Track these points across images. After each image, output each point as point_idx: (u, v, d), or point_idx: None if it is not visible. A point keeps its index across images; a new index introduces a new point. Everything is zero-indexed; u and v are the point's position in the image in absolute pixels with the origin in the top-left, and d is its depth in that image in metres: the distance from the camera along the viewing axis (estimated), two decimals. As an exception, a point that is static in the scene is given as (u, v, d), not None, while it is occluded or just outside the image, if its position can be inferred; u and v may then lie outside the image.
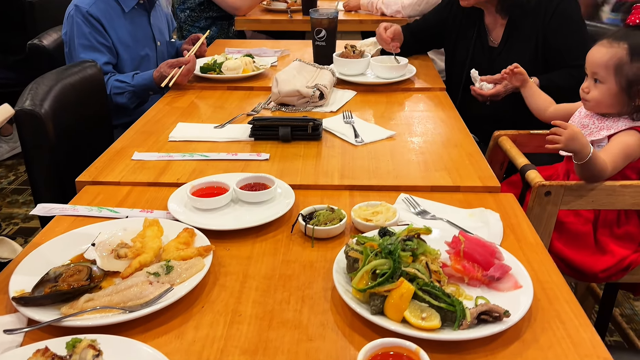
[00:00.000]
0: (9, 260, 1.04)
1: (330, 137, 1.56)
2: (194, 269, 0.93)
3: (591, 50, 1.50)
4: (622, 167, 1.44)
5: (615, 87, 1.44)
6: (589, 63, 1.50)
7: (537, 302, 0.90)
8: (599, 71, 1.46)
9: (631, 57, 1.41)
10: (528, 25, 1.91)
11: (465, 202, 1.21)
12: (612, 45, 1.44)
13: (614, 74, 1.44)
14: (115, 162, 1.39)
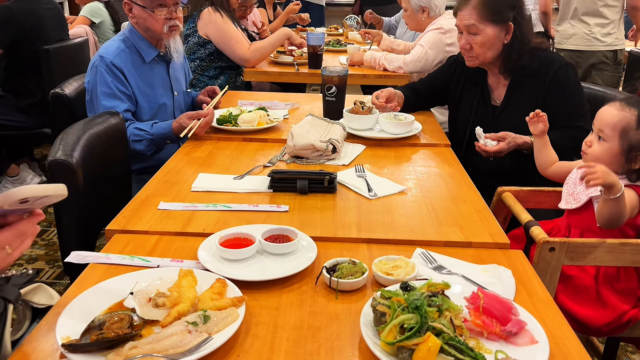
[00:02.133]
0: (48, 306, 1.09)
1: (344, 190, 1.64)
2: (229, 319, 0.99)
3: (603, 108, 1.61)
4: (627, 217, 1.52)
5: (617, 148, 1.55)
6: (597, 120, 1.61)
7: (553, 357, 0.96)
8: (606, 130, 1.57)
9: (637, 125, 1.53)
10: (529, 87, 2.04)
11: (478, 258, 1.28)
12: (623, 109, 1.56)
13: (619, 136, 1.55)
14: (142, 211, 1.46)
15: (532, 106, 2.00)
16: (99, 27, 4.42)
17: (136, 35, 2.19)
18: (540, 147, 1.83)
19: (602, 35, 3.44)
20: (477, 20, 1.98)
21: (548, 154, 1.83)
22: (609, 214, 1.49)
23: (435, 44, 2.94)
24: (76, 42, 3.53)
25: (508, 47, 2.00)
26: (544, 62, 2.00)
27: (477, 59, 2.05)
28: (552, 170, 1.82)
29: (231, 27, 3.13)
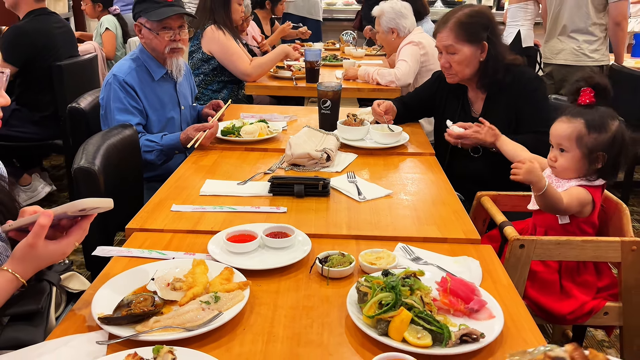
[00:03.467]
0: (81, 291, 1.28)
1: (337, 194, 1.83)
2: (236, 299, 1.17)
3: (554, 126, 1.81)
4: (575, 207, 1.72)
5: (578, 154, 1.74)
6: (554, 137, 1.80)
7: (507, 329, 1.14)
8: (564, 142, 1.76)
9: (588, 131, 1.72)
10: (503, 100, 2.24)
11: (451, 251, 1.47)
12: (570, 121, 1.76)
13: (577, 145, 1.74)
14: (157, 212, 1.65)
15: (505, 117, 2.21)
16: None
17: (146, 55, 2.39)
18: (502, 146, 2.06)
19: (590, 51, 3.63)
20: (454, 41, 2.19)
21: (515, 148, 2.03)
22: (542, 205, 1.71)
23: (413, 55, 3.21)
24: (86, 57, 3.73)
25: (484, 64, 2.21)
26: (516, 76, 2.21)
27: (457, 76, 2.25)
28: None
29: (233, 43, 3.34)
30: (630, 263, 1.71)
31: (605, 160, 1.73)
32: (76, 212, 1.13)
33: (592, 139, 1.72)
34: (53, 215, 1.08)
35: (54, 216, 1.08)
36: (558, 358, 0.85)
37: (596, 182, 1.78)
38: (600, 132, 1.72)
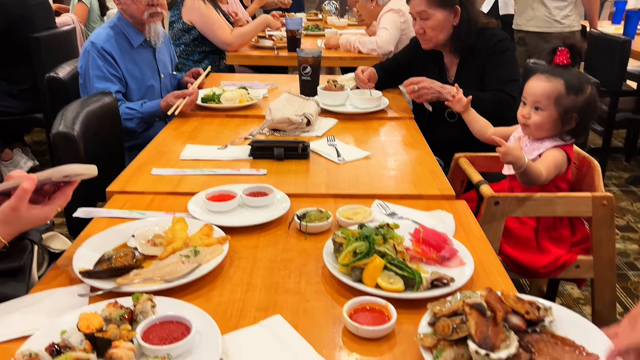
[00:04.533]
0: (62, 251, 1.30)
1: (316, 157, 1.85)
2: (215, 253, 1.20)
3: (531, 83, 1.83)
4: (554, 174, 1.76)
5: (555, 114, 1.78)
6: (530, 94, 1.82)
7: (477, 275, 1.19)
8: (542, 100, 1.79)
9: (567, 91, 1.76)
10: (474, 63, 2.28)
11: (427, 207, 1.51)
12: (550, 80, 1.78)
13: (554, 104, 1.77)
14: (137, 176, 1.66)
15: (477, 79, 2.24)
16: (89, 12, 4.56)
17: (124, 22, 2.37)
18: (468, 119, 2.07)
19: (562, 17, 3.66)
20: (427, 6, 2.20)
21: (478, 122, 2.06)
22: (524, 181, 1.74)
23: (394, 23, 3.21)
24: (64, 30, 3.68)
25: (457, 29, 2.23)
26: (487, 38, 2.23)
27: (431, 41, 2.27)
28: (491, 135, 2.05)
29: (213, 13, 3.31)
30: (600, 217, 1.76)
31: (577, 122, 1.77)
32: (60, 178, 1.13)
33: (570, 100, 1.75)
34: (37, 180, 1.08)
35: (38, 181, 1.09)
36: (475, 303, 0.90)
37: (569, 141, 1.83)
38: (577, 94, 1.75)
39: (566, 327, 0.96)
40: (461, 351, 0.88)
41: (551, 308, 0.98)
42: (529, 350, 0.88)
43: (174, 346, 0.89)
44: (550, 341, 0.91)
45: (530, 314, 0.93)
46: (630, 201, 3.58)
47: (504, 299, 0.94)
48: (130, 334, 0.91)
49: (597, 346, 0.91)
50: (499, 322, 0.89)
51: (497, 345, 0.86)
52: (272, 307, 1.08)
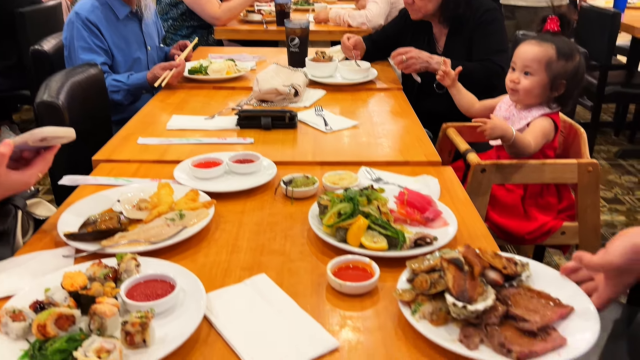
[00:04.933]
0: (47, 217, 1.30)
1: (304, 126, 1.85)
2: (201, 216, 1.21)
3: (522, 47, 1.82)
4: (542, 144, 1.77)
5: (545, 79, 1.77)
6: (520, 59, 1.81)
7: (462, 236, 1.20)
8: (532, 65, 1.78)
9: (558, 56, 1.75)
10: (463, 33, 2.27)
11: (413, 173, 1.52)
12: (541, 45, 1.77)
13: (545, 69, 1.77)
14: (123, 145, 1.65)
15: (465, 50, 2.23)
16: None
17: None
18: (455, 94, 2.06)
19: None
20: None
21: (464, 97, 2.05)
22: (512, 153, 1.75)
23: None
24: (50, 4, 3.62)
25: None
26: (475, 8, 2.22)
27: (420, 11, 2.26)
28: (477, 109, 2.05)
29: (201, -14, 3.26)
30: (586, 184, 1.78)
31: (565, 89, 1.78)
32: (37, 141, 1.11)
33: (560, 66, 1.75)
34: (13, 145, 1.07)
35: (15, 145, 1.08)
36: (452, 258, 0.91)
37: (556, 109, 1.83)
38: (567, 60, 1.75)
39: (543, 281, 0.98)
40: (439, 305, 0.89)
41: (528, 264, 0.99)
42: (505, 303, 0.90)
43: (157, 302, 0.90)
44: (527, 294, 0.92)
45: (507, 269, 0.94)
46: (619, 174, 3.61)
47: (482, 254, 0.95)
48: (114, 291, 0.92)
49: (572, 299, 0.92)
50: (476, 276, 0.90)
51: (475, 298, 0.88)
52: (257, 267, 1.08)
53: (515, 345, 0.81)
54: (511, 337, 0.83)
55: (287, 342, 0.87)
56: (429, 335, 0.85)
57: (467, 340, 0.84)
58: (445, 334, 0.86)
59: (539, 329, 0.84)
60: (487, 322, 0.86)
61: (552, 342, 0.82)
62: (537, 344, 0.82)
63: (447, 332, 0.87)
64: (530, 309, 0.88)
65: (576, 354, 0.81)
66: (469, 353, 0.82)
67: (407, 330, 0.90)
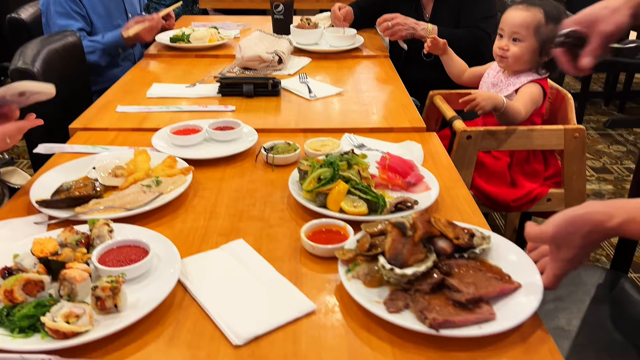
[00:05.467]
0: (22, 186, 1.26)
1: (287, 94, 1.81)
2: (178, 183, 1.18)
3: (509, 13, 1.78)
4: (531, 111, 1.75)
5: (534, 44, 1.74)
6: (508, 25, 1.77)
7: (444, 201, 1.18)
8: (520, 31, 1.74)
9: (546, 20, 1.72)
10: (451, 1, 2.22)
11: (396, 139, 1.49)
12: (529, 10, 1.74)
13: (534, 34, 1.73)
14: (102, 113, 1.61)
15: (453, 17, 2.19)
16: None
17: (87, -42, 2.25)
18: (446, 60, 2.02)
19: None
20: None
21: (455, 64, 2.02)
22: (503, 122, 1.72)
23: None
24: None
25: None
26: None
27: None
28: (466, 77, 2.02)
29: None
30: (572, 150, 1.76)
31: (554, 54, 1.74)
32: (15, 95, 1.08)
33: (549, 30, 1.71)
34: None
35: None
36: (398, 222, 0.89)
37: (544, 74, 1.81)
38: (556, 23, 1.71)
39: (501, 256, 0.93)
40: (375, 267, 0.88)
41: (489, 237, 0.95)
42: (446, 273, 0.86)
43: (129, 268, 0.88)
44: (475, 267, 0.89)
45: (460, 239, 0.91)
46: (607, 144, 3.60)
47: (435, 222, 0.92)
48: (85, 257, 0.90)
49: (526, 277, 0.87)
50: (417, 241, 0.87)
51: (409, 263, 0.85)
52: (235, 233, 1.06)
53: (434, 313, 0.78)
54: (438, 305, 0.80)
55: (264, 306, 0.86)
56: (354, 295, 0.83)
57: (390, 303, 0.82)
58: (374, 296, 0.84)
59: (467, 301, 0.80)
60: (418, 289, 0.83)
61: (478, 315, 0.78)
62: (461, 315, 0.78)
63: (378, 294, 0.85)
64: (469, 281, 0.84)
65: (497, 330, 0.77)
66: (385, 315, 0.79)
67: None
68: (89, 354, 0.76)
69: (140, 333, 0.81)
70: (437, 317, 0.77)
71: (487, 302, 0.82)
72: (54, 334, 0.76)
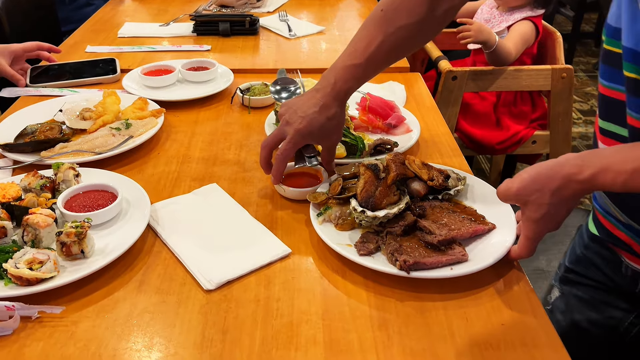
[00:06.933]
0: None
1: (266, 32, 1.73)
2: (149, 125, 1.13)
3: None
4: (522, 51, 1.70)
5: None
6: None
7: (425, 142, 1.15)
8: None
9: None
10: None
11: (379, 80, 1.44)
12: None
13: None
14: (70, 54, 1.53)
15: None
16: None
17: None
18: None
19: None
20: None
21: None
22: (493, 62, 1.66)
23: None
24: None
25: None
26: None
27: None
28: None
29: None
30: (559, 90, 1.73)
31: None
32: None
33: None
34: None
35: None
36: (371, 164, 0.86)
37: (539, 12, 1.74)
38: None
39: (477, 198, 0.91)
40: (347, 210, 0.86)
41: (465, 179, 0.92)
42: (420, 215, 0.84)
43: (96, 213, 0.84)
44: (449, 209, 0.87)
45: (434, 181, 0.88)
46: (596, 86, 3.56)
47: (409, 163, 0.89)
48: (50, 202, 0.86)
49: (501, 218, 0.84)
50: (389, 183, 0.85)
51: (382, 205, 0.83)
52: (209, 177, 1.03)
53: (405, 255, 0.76)
54: (410, 247, 0.78)
55: (237, 250, 0.84)
56: (324, 238, 0.81)
57: (361, 245, 0.80)
58: (346, 239, 0.82)
59: (439, 242, 0.78)
60: (389, 231, 0.81)
61: (450, 256, 0.76)
62: (433, 256, 0.76)
63: (350, 237, 0.83)
64: (442, 222, 0.82)
65: (469, 270, 0.75)
66: (355, 258, 0.78)
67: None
68: (55, 301, 0.74)
69: (109, 279, 0.78)
70: (408, 259, 0.75)
71: (460, 243, 0.80)
72: (17, 281, 0.73)
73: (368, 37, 0.90)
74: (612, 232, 0.86)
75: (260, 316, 0.72)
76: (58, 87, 1.34)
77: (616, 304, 0.91)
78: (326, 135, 0.92)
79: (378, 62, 0.91)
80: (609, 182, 0.66)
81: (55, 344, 0.68)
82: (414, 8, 0.88)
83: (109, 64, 1.44)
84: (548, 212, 0.71)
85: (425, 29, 0.91)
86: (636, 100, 0.71)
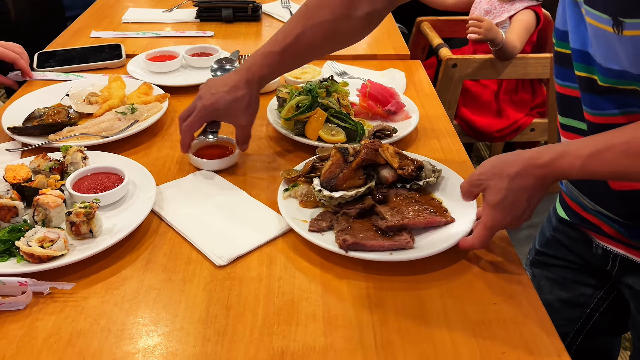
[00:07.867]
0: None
1: (269, 19, 1.75)
2: (154, 110, 1.16)
3: None
4: (525, 41, 1.72)
5: None
6: None
7: (424, 130, 1.17)
8: None
9: None
10: None
11: (380, 67, 1.46)
12: None
13: None
14: (75, 39, 1.55)
15: None
16: None
17: None
18: None
19: None
20: None
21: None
22: (500, 57, 1.68)
23: None
24: None
25: None
26: None
27: None
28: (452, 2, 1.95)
29: None
30: (557, 79, 1.74)
31: None
32: None
33: None
34: None
35: None
36: (342, 147, 0.89)
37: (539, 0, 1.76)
38: None
39: (448, 191, 0.91)
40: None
41: (440, 171, 0.94)
42: (379, 201, 0.87)
43: (103, 194, 0.87)
44: (413, 198, 0.88)
45: (404, 170, 0.90)
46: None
47: (382, 151, 0.91)
48: (59, 184, 0.89)
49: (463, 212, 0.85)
50: (355, 167, 0.87)
51: (343, 187, 0.86)
52: (213, 161, 1.05)
53: (347, 234, 0.79)
54: (359, 229, 0.81)
55: (243, 227, 0.86)
56: (282, 211, 0.86)
57: (313, 222, 0.84)
58: (304, 216, 0.86)
59: (388, 228, 0.80)
60: (345, 212, 0.84)
61: (393, 242, 0.79)
62: (378, 240, 0.79)
63: (310, 214, 0.87)
64: (399, 210, 0.85)
65: (405, 258, 0.77)
66: (303, 233, 0.81)
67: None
68: (65, 277, 0.77)
69: (116, 257, 0.81)
70: (348, 239, 0.78)
71: (410, 231, 0.82)
72: (29, 258, 0.76)
73: (289, 28, 0.95)
74: (581, 214, 0.88)
75: (262, 293, 0.75)
76: (64, 71, 1.37)
77: (586, 281, 0.95)
78: (232, 114, 0.97)
79: (295, 53, 0.96)
80: (567, 166, 0.67)
81: (66, 318, 0.71)
82: (336, 6, 0.93)
83: (115, 50, 1.46)
84: (506, 197, 0.71)
85: (345, 28, 0.95)
86: (589, 97, 0.74)
